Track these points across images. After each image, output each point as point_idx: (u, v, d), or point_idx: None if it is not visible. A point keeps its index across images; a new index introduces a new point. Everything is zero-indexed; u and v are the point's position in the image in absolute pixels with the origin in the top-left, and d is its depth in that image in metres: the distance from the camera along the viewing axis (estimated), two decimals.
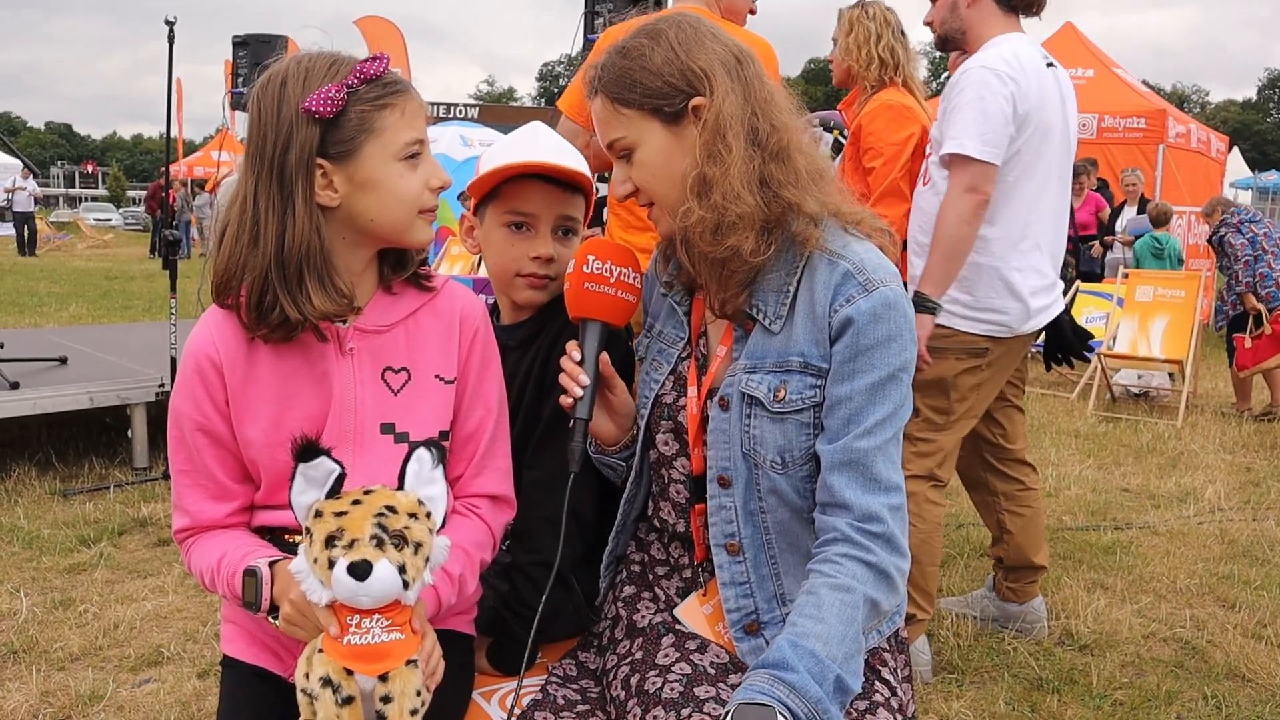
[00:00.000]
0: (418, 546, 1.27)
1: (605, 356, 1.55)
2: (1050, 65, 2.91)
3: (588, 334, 1.55)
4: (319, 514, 1.27)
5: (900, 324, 1.38)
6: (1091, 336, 3.49)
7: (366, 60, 1.39)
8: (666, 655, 1.46)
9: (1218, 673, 3.10)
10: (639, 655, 1.49)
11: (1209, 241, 8.42)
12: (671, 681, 1.40)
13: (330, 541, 1.24)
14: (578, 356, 1.53)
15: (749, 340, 1.46)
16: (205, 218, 21.96)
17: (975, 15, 2.95)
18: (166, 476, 4.83)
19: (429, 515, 1.31)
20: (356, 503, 1.27)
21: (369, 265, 1.51)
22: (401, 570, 1.24)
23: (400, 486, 1.32)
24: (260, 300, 1.38)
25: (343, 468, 1.29)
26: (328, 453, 1.27)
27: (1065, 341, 3.26)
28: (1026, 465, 3.32)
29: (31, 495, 4.60)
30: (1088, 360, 3.43)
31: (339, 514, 1.26)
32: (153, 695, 2.81)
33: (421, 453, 1.34)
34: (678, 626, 1.53)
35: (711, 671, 1.42)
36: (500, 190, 1.74)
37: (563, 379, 1.52)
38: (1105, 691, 2.96)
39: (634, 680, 1.44)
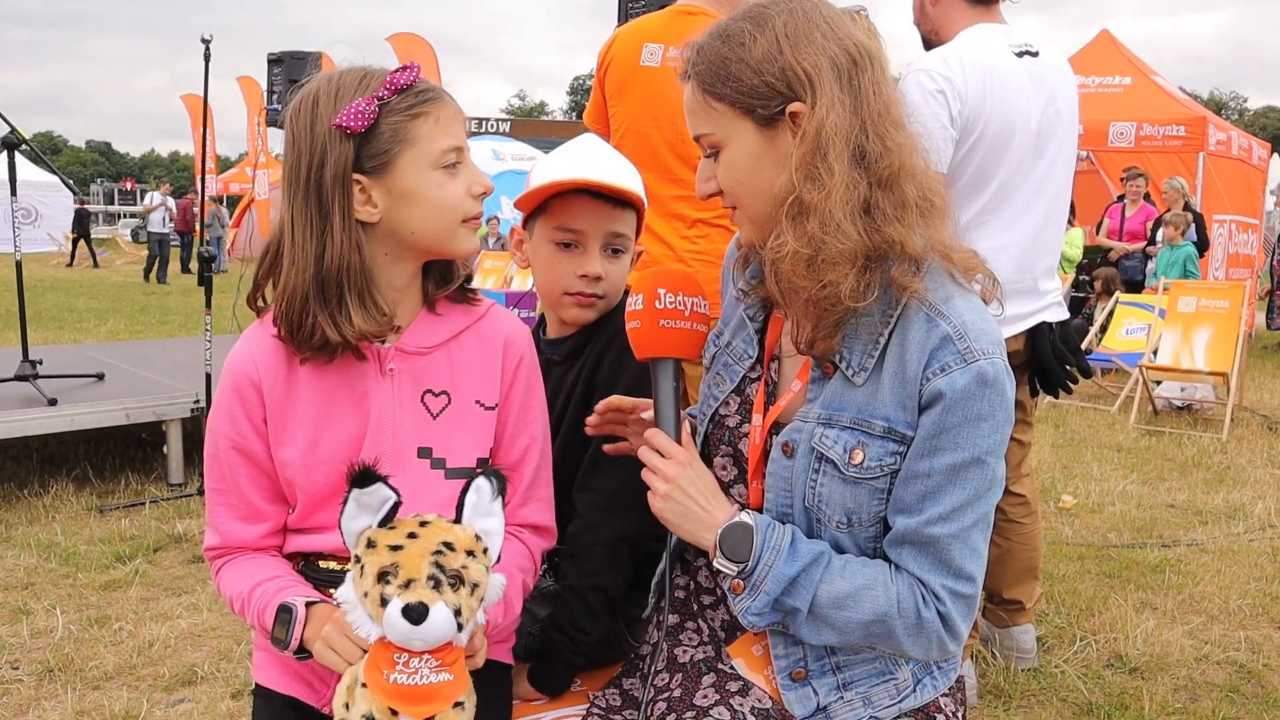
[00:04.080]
0: (474, 587, 1.22)
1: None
2: (1025, 54, 2.70)
3: (662, 375, 1.41)
4: (372, 544, 1.22)
5: (995, 404, 1.24)
6: (1081, 360, 2.90)
7: (397, 70, 1.36)
8: (705, 696, 1.40)
9: (1275, 698, 2.99)
10: (677, 693, 1.43)
11: None
12: None
13: (384, 577, 1.19)
14: (650, 415, 1.41)
15: (827, 386, 1.33)
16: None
17: (940, 13, 2.85)
18: (201, 493, 4.84)
19: (486, 551, 1.25)
20: (412, 536, 1.22)
21: (412, 281, 1.48)
22: (457, 613, 1.19)
23: (458, 518, 1.26)
24: (300, 322, 1.37)
25: (399, 496, 1.23)
26: (385, 479, 1.22)
27: (1043, 363, 2.83)
28: (1013, 495, 3.04)
29: (69, 511, 4.62)
30: (1069, 390, 2.92)
31: (394, 548, 1.20)
32: (187, 716, 2.79)
33: (480, 483, 1.27)
34: (719, 665, 1.45)
35: (751, 719, 1.35)
36: (549, 205, 1.70)
37: (645, 457, 1.38)
38: (1158, 718, 2.86)
39: (669, 719, 1.38)
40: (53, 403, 4.69)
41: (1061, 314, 2.87)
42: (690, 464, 1.35)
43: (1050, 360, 2.81)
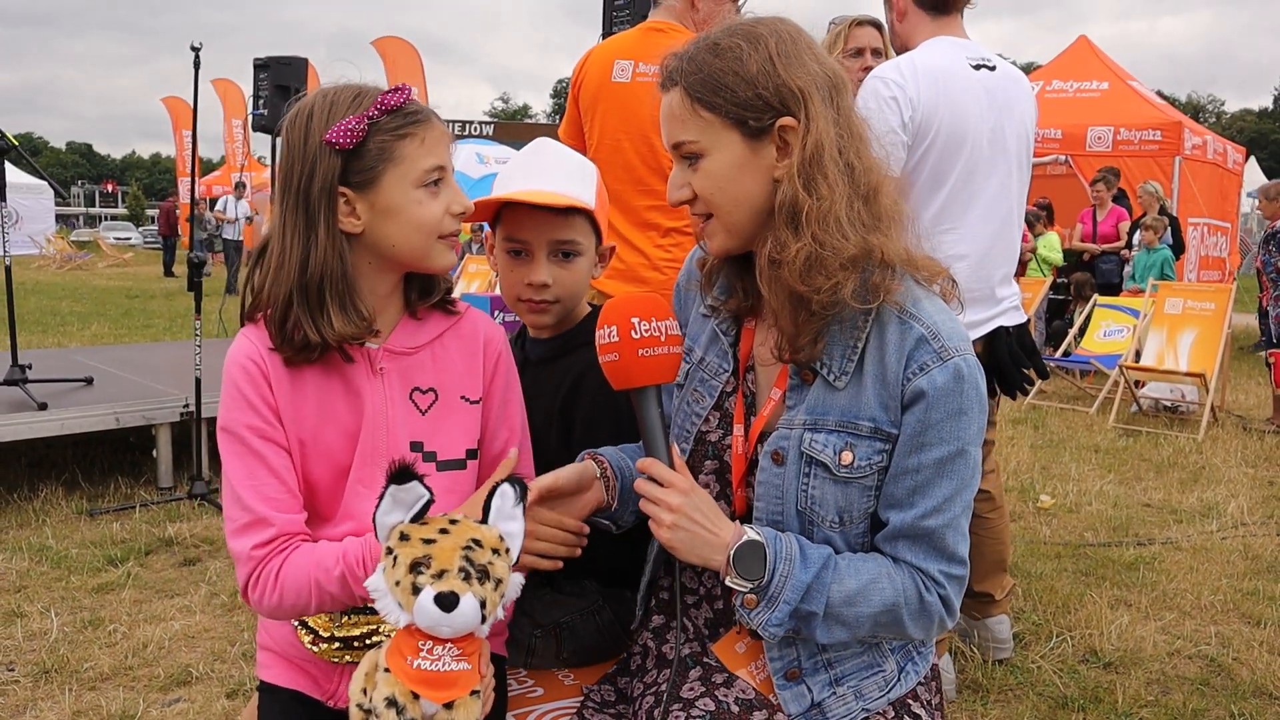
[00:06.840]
0: (498, 583, 1.28)
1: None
2: (982, 67, 2.79)
3: (647, 404, 1.41)
4: (405, 537, 1.28)
5: (971, 397, 1.33)
6: (1037, 362, 2.99)
7: (389, 91, 1.44)
8: (692, 689, 1.45)
9: (1244, 690, 3.09)
10: (664, 687, 1.48)
11: (1269, 236, 8.24)
12: (695, 717, 1.39)
13: (417, 567, 1.25)
14: (663, 471, 1.38)
15: (809, 393, 1.39)
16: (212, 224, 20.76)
17: (907, 29, 2.96)
18: (191, 496, 4.87)
19: (508, 551, 1.32)
20: (444, 531, 1.28)
21: (394, 290, 1.55)
22: (482, 604, 1.25)
23: (484, 520, 1.33)
24: (283, 322, 1.44)
25: (432, 495, 1.30)
26: (421, 479, 1.28)
27: (1000, 366, 2.90)
28: (979, 492, 3.05)
29: (59, 515, 4.65)
30: (1025, 391, 2.99)
31: (427, 541, 1.27)
32: (183, 715, 2.84)
33: (505, 488, 1.33)
34: (705, 659, 1.51)
35: (736, 709, 1.41)
36: (502, 214, 1.78)
37: (644, 489, 1.39)
38: (1131, 710, 2.95)
39: (657, 712, 1.44)
40: (43, 407, 4.71)
41: (1018, 318, 2.96)
42: (691, 491, 1.37)
43: (1007, 363, 2.90)
